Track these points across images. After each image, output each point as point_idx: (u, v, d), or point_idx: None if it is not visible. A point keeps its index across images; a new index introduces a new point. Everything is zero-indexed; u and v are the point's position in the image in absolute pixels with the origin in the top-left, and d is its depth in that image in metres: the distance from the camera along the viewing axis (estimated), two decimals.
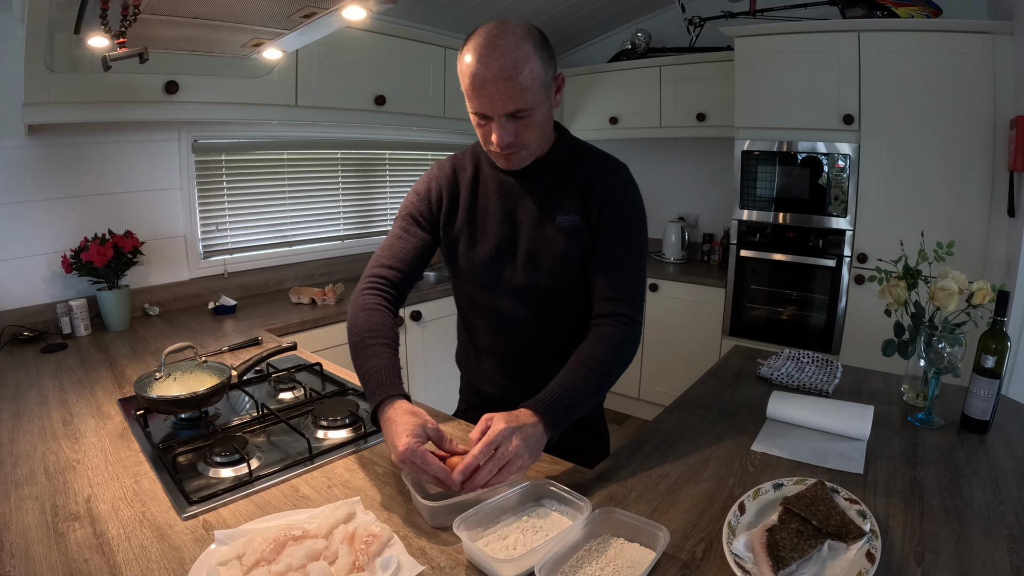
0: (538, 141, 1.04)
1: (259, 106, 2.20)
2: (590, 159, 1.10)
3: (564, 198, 1.07)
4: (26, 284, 1.92)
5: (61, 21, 1.46)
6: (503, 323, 1.15)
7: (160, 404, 1.17)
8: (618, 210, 1.05)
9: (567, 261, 1.07)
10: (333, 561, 0.76)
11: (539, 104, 0.97)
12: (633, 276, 1.05)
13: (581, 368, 0.96)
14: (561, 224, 1.06)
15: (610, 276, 1.04)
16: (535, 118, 0.99)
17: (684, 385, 1.48)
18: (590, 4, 3.21)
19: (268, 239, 2.63)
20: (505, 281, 1.12)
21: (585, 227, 1.06)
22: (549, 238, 1.07)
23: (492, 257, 1.12)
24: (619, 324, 1.02)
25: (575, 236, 1.06)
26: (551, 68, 0.99)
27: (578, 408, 0.94)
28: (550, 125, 1.07)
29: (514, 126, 0.98)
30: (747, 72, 2.71)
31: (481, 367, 1.23)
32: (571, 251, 1.06)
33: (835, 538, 0.79)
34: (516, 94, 0.94)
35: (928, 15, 2.40)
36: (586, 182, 1.07)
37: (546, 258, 1.08)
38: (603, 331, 1.01)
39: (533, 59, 0.94)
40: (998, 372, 1.13)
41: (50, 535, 0.83)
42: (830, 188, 2.61)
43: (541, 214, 1.08)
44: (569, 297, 1.11)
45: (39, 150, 1.89)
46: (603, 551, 0.79)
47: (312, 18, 1.47)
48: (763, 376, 1.48)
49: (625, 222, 1.05)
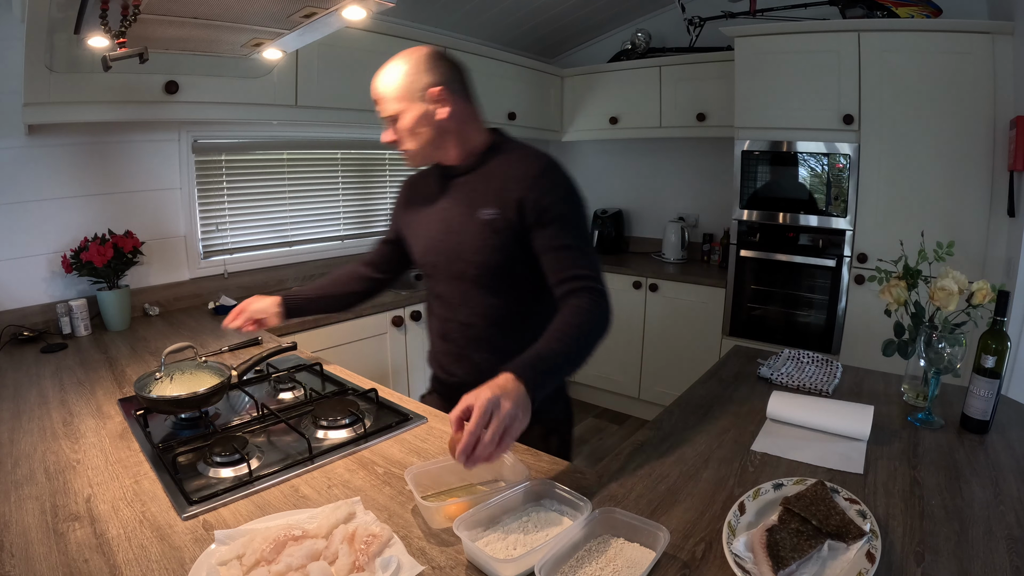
0: (416, 143, 1.19)
1: (259, 106, 2.20)
2: (511, 155, 1.21)
3: (486, 193, 1.18)
4: (26, 284, 1.92)
5: (61, 21, 1.46)
6: (442, 308, 1.29)
7: (160, 404, 1.17)
8: (540, 197, 1.12)
9: (488, 251, 1.17)
10: (333, 561, 0.76)
11: (406, 111, 1.16)
12: (580, 251, 1.12)
13: (552, 334, 1.00)
14: (482, 217, 1.17)
15: (558, 260, 1.11)
16: (403, 123, 1.17)
17: (684, 385, 1.49)
18: (590, 4, 3.21)
19: (268, 239, 2.63)
20: (441, 269, 1.26)
21: (504, 219, 1.15)
22: (472, 230, 1.18)
23: (430, 248, 1.27)
24: (582, 294, 1.07)
25: (493, 228, 1.16)
26: (420, 83, 1.15)
27: (555, 371, 0.97)
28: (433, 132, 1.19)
29: (392, 129, 1.20)
30: (747, 72, 2.71)
31: (433, 351, 1.36)
32: (489, 241, 1.16)
33: (835, 538, 0.79)
34: (378, 103, 1.18)
35: (928, 15, 2.40)
36: (505, 177, 1.17)
37: (468, 248, 1.19)
38: (568, 303, 1.07)
39: (395, 76, 1.16)
40: (998, 372, 1.13)
41: (50, 535, 0.83)
42: (830, 188, 2.61)
43: (467, 209, 1.20)
44: (495, 285, 1.21)
45: (39, 150, 1.89)
46: (603, 551, 0.79)
47: (312, 18, 1.47)
48: (763, 376, 1.48)
49: (553, 207, 1.12)
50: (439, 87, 1.15)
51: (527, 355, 0.95)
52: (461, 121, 1.20)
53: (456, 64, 1.20)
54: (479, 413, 0.83)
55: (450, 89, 1.17)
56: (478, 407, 0.84)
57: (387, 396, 1.35)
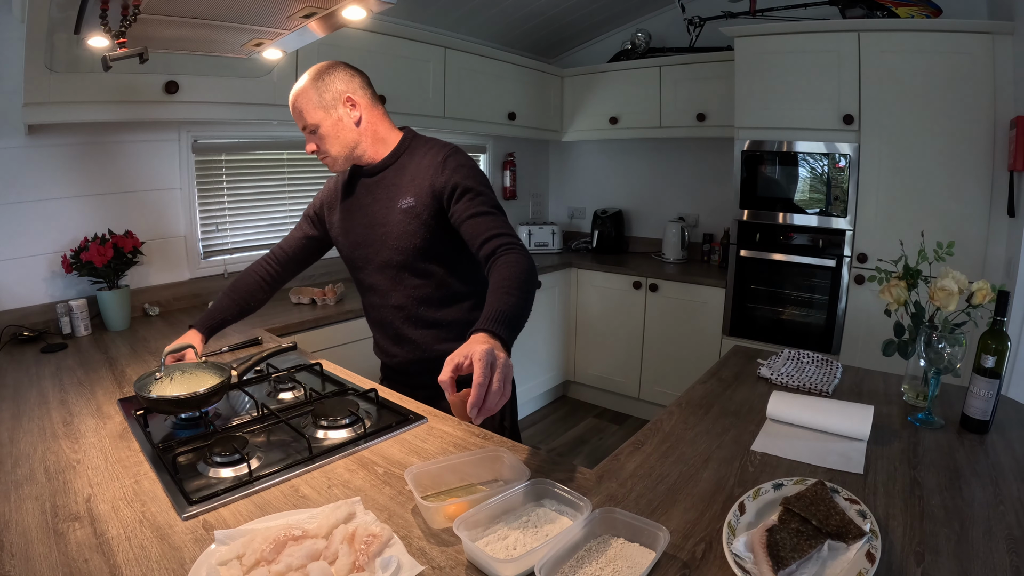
0: (337, 147, 1.33)
1: (259, 106, 2.20)
2: (419, 150, 1.34)
3: (402, 185, 1.32)
4: (26, 284, 1.92)
5: (61, 21, 1.46)
6: (375, 297, 1.41)
7: (160, 404, 1.17)
8: (449, 178, 1.25)
9: (410, 236, 1.30)
10: (333, 561, 0.76)
11: (324, 120, 1.30)
12: (493, 216, 1.21)
13: (500, 290, 1.04)
14: (401, 207, 1.30)
15: (476, 225, 1.20)
16: (324, 130, 1.31)
17: (684, 385, 1.48)
18: (590, 4, 3.21)
19: (268, 239, 2.63)
20: (371, 260, 1.37)
21: (420, 205, 1.28)
22: (394, 220, 1.31)
23: (358, 243, 1.39)
24: (506, 251, 1.14)
25: (413, 214, 1.29)
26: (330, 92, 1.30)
27: (516, 321, 1.00)
28: (351, 135, 1.33)
29: (311, 138, 1.33)
30: (747, 72, 2.71)
31: (375, 339, 1.49)
32: (410, 227, 1.30)
33: (835, 538, 0.79)
34: (297, 115, 1.32)
35: (928, 15, 2.40)
36: (416, 168, 1.31)
37: (392, 236, 1.32)
38: (499, 261, 1.13)
39: (308, 89, 1.30)
40: (998, 372, 1.13)
41: (50, 535, 0.83)
42: (830, 188, 2.61)
43: (388, 202, 1.33)
44: (419, 267, 1.33)
45: (39, 150, 1.89)
46: (603, 551, 0.79)
47: (312, 18, 1.47)
48: (763, 376, 1.48)
49: (461, 183, 1.24)
50: (348, 95, 1.31)
51: (489, 312, 0.98)
52: (372, 123, 1.34)
53: (358, 71, 1.35)
54: (482, 365, 0.83)
55: (358, 95, 1.32)
56: (479, 360, 0.84)
57: (387, 396, 1.35)
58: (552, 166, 4.24)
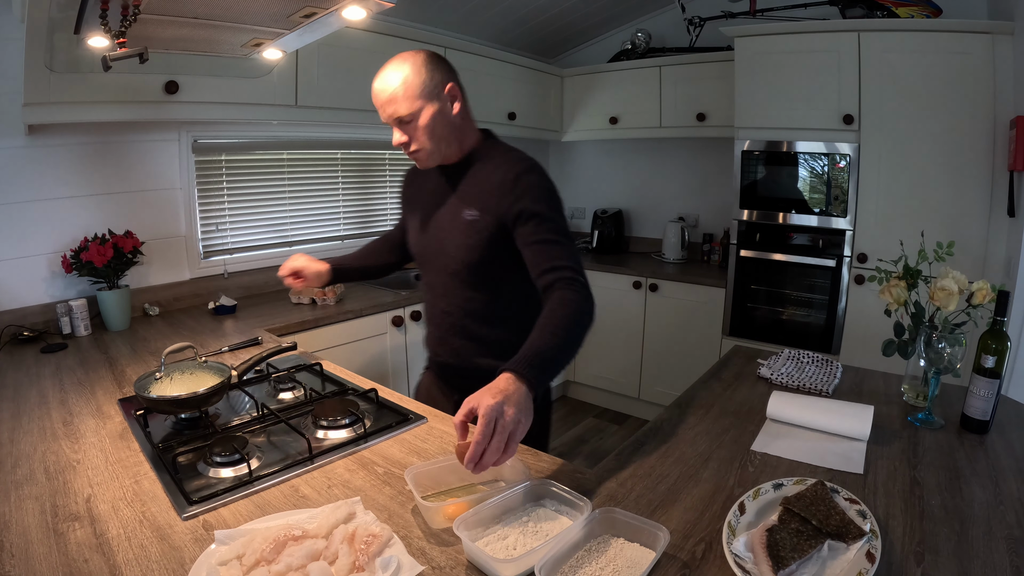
0: (432, 141, 1.21)
1: (259, 106, 2.20)
2: (494, 160, 1.26)
3: (471, 195, 1.25)
4: (26, 284, 1.92)
5: (61, 21, 1.46)
6: (430, 295, 1.39)
7: (160, 404, 1.17)
8: (519, 199, 1.17)
9: (468, 249, 1.24)
10: (333, 561, 0.76)
11: (424, 109, 1.18)
12: (560, 245, 1.15)
13: (545, 328, 1.02)
14: (465, 217, 1.24)
15: (538, 253, 1.15)
16: (422, 121, 1.19)
17: (684, 385, 1.48)
18: (590, 4, 3.21)
19: (268, 239, 2.63)
20: (429, 260, 1.35)
21: (484, 221, 1.22)
22: (457, 229, 1.26)
23: (420, 241, 1.37)
24: (564, 286, 1.09)
25: (475, 229, 1.23)
26: (433, 80, 1.18)
27: (552, 366, 0.98)
28: (447, 129, 1.22)
29: (403, 130, 1.21)
30: (747, 72, 2.71)
31: (426, 332, 1.45)
32: (470, 240, 1.24)
33: (835, 538, 0.79)
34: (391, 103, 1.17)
35: (928, 15, 2.40)
36: (488, 181, 1.23)
37: (452, 245, 1.27)
38: (553, 295, 1.09)
39: (410, 75, 1.17)
40: (998, 372, 1.13)
41: (50, 535, 0.83)
42: (830, 188, 2.61)
43: (454, 208, 1.27)
44: (472, 280, 1.28)
45: (39, 150, 1.89)
46: (603, 551, 0.79)
47: (312, 18, 1.47)
48: (763, 376, 1.48)
49: (531, 206, 1.16)
50: (451, 83, 1.21)
51: (525, 352, 0.96)
52: (465, 119, 1.26)
53: (452, 65, 1.25)
54: (483, 423, 0.84)
55: (459, 86, 1.23)
56: (482, 416, 0.85)
57: (387, 396, 1.35)
58: (552, 166, 4.24)
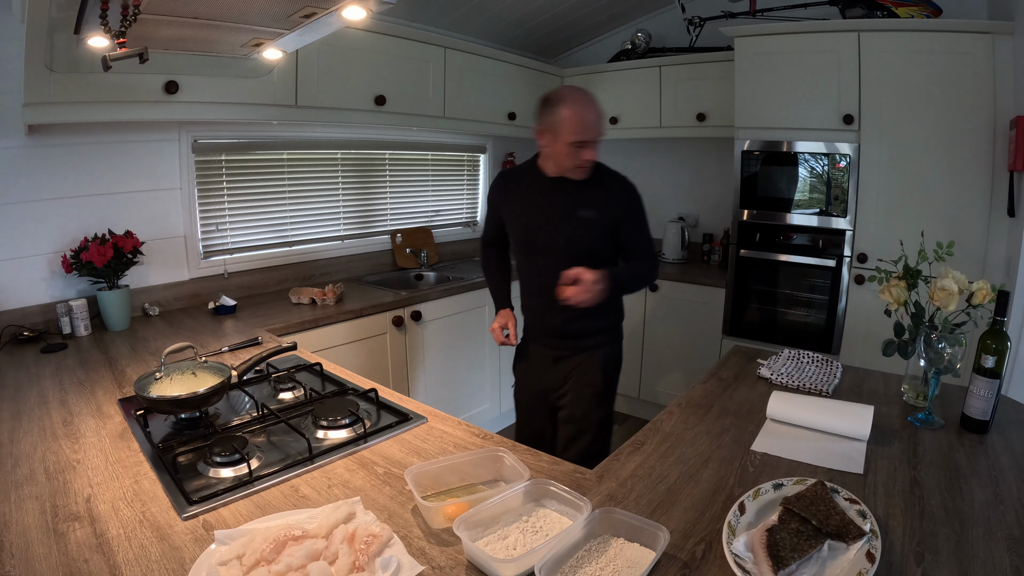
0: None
1: (259, 106, 2.20)
2: (611, 179, 1.68)
3: (589, 200, 1.62)
4: (26, 284, 1.92)
5: (61, 21, 1.46)
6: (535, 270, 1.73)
7: (160, 404, 1.17)
8: (628, 205, 1.65)
9: (580, 237, 1.63)
10: (333, 561, 0.76)
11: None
12: (648, 240, 1.70)
13: (626, 267, 1.67)
14: (581, 215, 1.62)
15: (637, 245, 1.68)
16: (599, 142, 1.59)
17: (684, 385, 1.49)
18: (590, 4, 3.21)
19: (268, 239, 2.63)
20: (538, 247, 1.69)
21: (599, 219, 1.62)
22: (573, 221, 1.63)
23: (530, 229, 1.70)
24: (648, 260, 1.69)
25: (591, 224, 1.62)
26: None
27: (625, 282, 1.63)
28: None
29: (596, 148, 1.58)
30: (747, 72, 2.71)
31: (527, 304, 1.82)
32: (585, 231, 1.63)
33: (835, 538, 0.79)
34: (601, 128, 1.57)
35: (928, 15, 2.40)
36: (608, 192, 1.64)
37: (565, 234, 1.64)
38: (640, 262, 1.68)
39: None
40: (998, 372, 1.13)
41: (50, 535, 0.83)
42: (830, 188, 2.61)
43: (568, 206, 1.63)
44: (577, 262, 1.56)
45: (39, 150, 1.89)
46: (603, 551, 0.79)
47: (312, 18, 1.47)
48: (763, 376, 1.48)
49: (633, 213, 1.66)
50: None
51: (613, 270, 1.54)
52: None
53: None
54: (591, 278, 1.46)
55: None
56: (590, 275, 1.47)
57: (387, 396, 1.35)
58: None
